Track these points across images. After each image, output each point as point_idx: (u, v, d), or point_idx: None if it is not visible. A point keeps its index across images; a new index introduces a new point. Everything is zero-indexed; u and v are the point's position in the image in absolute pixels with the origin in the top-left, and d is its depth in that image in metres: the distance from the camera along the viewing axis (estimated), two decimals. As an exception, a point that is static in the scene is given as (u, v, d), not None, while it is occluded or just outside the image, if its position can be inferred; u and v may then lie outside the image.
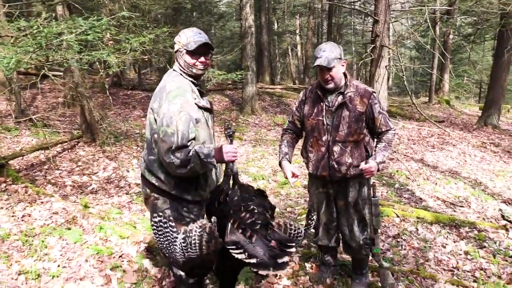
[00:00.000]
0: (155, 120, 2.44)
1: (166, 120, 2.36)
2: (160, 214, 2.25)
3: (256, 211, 2.22)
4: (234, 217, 2.17)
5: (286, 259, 2.00)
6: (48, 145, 6.04)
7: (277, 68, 26.97)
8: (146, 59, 11.68)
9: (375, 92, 2.95)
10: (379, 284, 3.23)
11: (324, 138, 2.94)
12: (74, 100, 6.97)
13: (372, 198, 3.04)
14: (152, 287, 3.26)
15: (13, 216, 4.23)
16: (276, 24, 25.95)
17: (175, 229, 2.19)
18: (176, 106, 2.38)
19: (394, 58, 11.08)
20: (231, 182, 2.53)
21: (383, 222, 4.83)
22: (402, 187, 6.05)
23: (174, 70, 2.64)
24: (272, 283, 3.37)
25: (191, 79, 2.61)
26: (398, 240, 4.36)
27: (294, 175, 2.88)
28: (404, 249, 4.16)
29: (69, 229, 4.06)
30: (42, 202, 4.58)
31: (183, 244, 2.12)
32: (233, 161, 2.45)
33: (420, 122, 11.05)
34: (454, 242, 4.29)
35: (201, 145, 2.41)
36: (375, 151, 3.00)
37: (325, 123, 2.93)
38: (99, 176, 5.88)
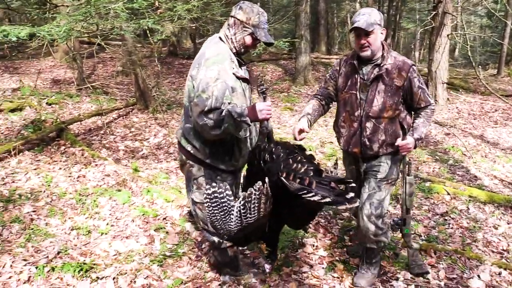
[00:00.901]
0: (193, 86, 2.46)
1: (202, 85, 2.37)
2: (215, 184, 2.26)
3: (305, 160, 2.27)
4: (287, 171, 2.17)
5: (352, 193, 2.03)
6: (103, 112, 6.34)
7: (335, 38, 26.13)
8: (201, 28, 11.82)
9: (414, 65, 2.76)
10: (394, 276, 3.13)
11: (356, 113, 2.78)
12: (129, 69, 7.21)
13: (407, 177, 2.90)
14: (192, 249, 3.40)
15: (69, 176, 4.53)
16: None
17: (232, 198, 2.23)
18: (213, 73, 2.38)
19: (461, 27, 10.34)
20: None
21: (431, 199, 4.65)
22: (456, 163, 5.76)
23: (220, 38, 2.61)
24: (308, 253, 3.38)
25: (234, 51, 2.60)
26: (446, 218, 4.19)
27: (301, 131, 2.73)
28: (451, 228, 3.99)
29: (119, 190, 4.29)
30: (96, 165, 4.86)
31: (242, 211, 2.16)
32: (267, 119, 2.42)
33: (485, 96, 10.34)
34: (508, 223, 4.05)
35: (233, 105, 2.37)
36: (412, 126, 2.82)
37: (358, 97, 2.77)
38: (150, 142, 6.11)
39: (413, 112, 2.89)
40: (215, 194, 2.22)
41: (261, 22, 2.56)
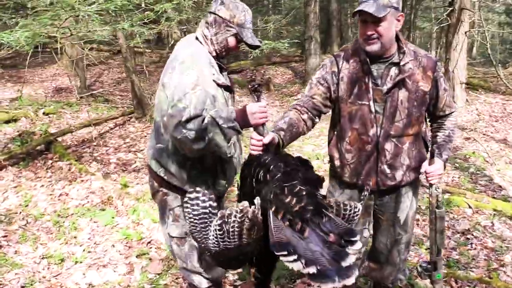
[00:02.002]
0: (167, 96, 2.01)
1: (178, 94, 1.93)
2: (199, 189, 1.80)
3: (304, 192, 1.63)
4: (277, 204, 1.62)
5: (352, 259, 1.45)
6: (92, 122, 6.02)
7: (349, 39, 25.60)
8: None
9: (439, 61, 2.23)
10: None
11: (371, 132, 2.07)
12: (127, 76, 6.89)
13: (437, 210, 2.20)
14: (176, 279, 3.00)
15: (51, 194, 4.19)
16: (348, -9, 24.49)
17: (215, 211, 1.74)
18: (191, 79, 1.96)
19: (479, 24, 9.78)
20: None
21: (451, 213, 4.16)
22: (478, 171, 5.24)
23: (196, 38, 2.19)
24: (308, 285, 2.94)
25: (214, 54, 2.18)
26: (468, 237, 3.69)
27: (258, 144, 1.82)
28: (475, 248, 3.50)
29: (103, 210, 3.94)
30: (82, 181, 4.51)
31: (218, 232, 1.67)
32: (262, 124, 1.90)
33: (506, 96, 9.70)
34: (540, 242, 3.55)
35: (218, 109, 1.95)
36: (436, 142, 2.25)
37: (372, 110, 2.05)
38: (144, 153, 5.75)
39: (431, 121, 2.32)
40: (197, 201, 1.76)
41: (246, 21, 2.14)
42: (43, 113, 7.29)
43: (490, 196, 4.46)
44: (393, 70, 2.05)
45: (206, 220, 1.74)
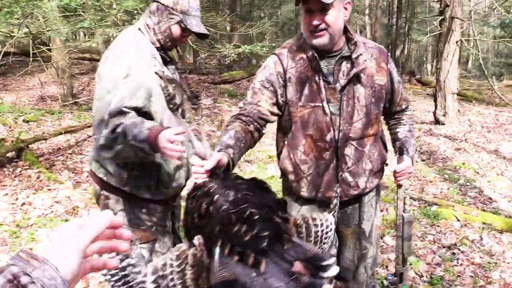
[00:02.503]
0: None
1: (107, 85, 1.78)
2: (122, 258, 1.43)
3: (257, 217, 1.27)
4: (223, 236, 1.28)
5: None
6: (65, 130, 5.79)
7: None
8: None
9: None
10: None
11: (328, 137, 1.81)
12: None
13: (404, 214, 1.96)
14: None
15: (13, 203, 3.94)
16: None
17: (139, 272, 1.22)
18: (122, 69, 1.79)
19: (469, 34, 9.66)
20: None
21: (438, 226, 3.94)
22: (468, 183, 5.02)
23: (139, 28, 2.00)
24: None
25: (158, 44, 1.99)
26: (454, 251, 3.46)
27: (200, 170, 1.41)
28: (461, 264, 3.27)
29: (66, 220, 3.69)
30: (49, 189, 4.27)
31: None
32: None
33: (499, 108, 9.56)
34: (531, 258, 3.32)
35: (138, 120, 1.72)
36: (398, 138, 2.03)
37: (327, 111, 1.79)
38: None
39: (386, 117, 2.10)
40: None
41: (191, 8, 1.96)
42: (23, 121, 7.06)
43: (480, 209, 4.25)
44: (345, 65, 1.81)
45: (132, 285, 1.21)
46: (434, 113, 7.98)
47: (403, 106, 2.03)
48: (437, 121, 7.87)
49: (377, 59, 1.86)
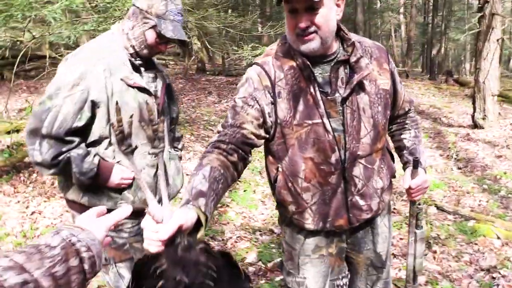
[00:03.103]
0: None
1: (51, 88, 1.67)
2: None
3: None
4: None
5: None
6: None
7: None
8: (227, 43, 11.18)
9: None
10: None
11: (333, 159, 1.52)
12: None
13: (417, 231, 1.74)
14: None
15: (23, 212, 3.85)
16: (379, 3, 23.92)
17: None
18: (74, 74, 1.66)
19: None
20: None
21: (475, 244, 3.56)
22: (510, 195, 4.58)
23: (113, 33, 1.85)
24: None
25: (132, 50, 1.82)
26: (494, 276, 3.09)
27: (154, 239, 1.02)
28: (501, 291, 2.90)
29: (74, 231, 3.55)
30: (61, 197, 4.16)
31: None
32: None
33: (546, 110, 8.91)
34: None
35: (83, 152, 1.68)
36: (406, 148, 1.76)
37: (329, 128, 1.49)
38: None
39: (388, 124, 1.77)
40: None
41: (169, 12, 1.77)
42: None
43: (524, 225, 3.82)
44: (342, 71, 1.52)
45: None
46: (473, 116, 7.47)
47: (406, 109, 1.77)
48: (475, 125, 7.37)
49: (378, 60, 1.59)
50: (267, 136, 1.56)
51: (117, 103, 1.57)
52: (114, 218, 1.01)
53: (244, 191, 4.73)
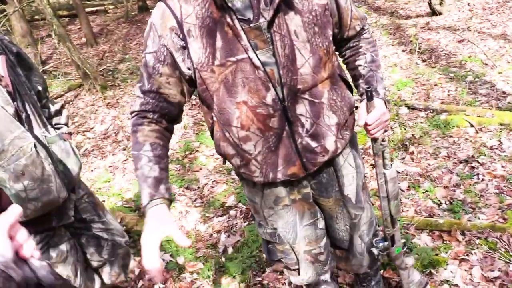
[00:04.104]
0: None
1: None
2: None
3: None
4: None
5: None
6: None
7: None
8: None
9: None
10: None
11: (269, 98, 1.26)
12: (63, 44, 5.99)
13: (386, 171, 1.50)
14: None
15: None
16: None
17: None
18: None
19: None
20: None
21: (450, 136, 3.51)
22: (477, 79, 4.49)
23: None
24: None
25: None
26: (473, 165, 3.06)
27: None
28: (482, 180, 2.88)
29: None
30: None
31: None
32: None
33: (500, -19, 8.66)
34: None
35: None
36: (361, 75, 1.47)
37: (257, 63, 1.21)
38: (96, 131, 5.05)
39: (337, 48, 1.53)
40: None
41: None
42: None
43: (494, 107, 3.77)
44: None
45: None
46: (429, 3, 7.20)
47: (358, 28, 1.43)
48: (433, 12, 7.12)
49: None
50: (193, 88, 1.34)
51: None
52: (8, 220, 0.77)
53: (211, 131, 4.53)
